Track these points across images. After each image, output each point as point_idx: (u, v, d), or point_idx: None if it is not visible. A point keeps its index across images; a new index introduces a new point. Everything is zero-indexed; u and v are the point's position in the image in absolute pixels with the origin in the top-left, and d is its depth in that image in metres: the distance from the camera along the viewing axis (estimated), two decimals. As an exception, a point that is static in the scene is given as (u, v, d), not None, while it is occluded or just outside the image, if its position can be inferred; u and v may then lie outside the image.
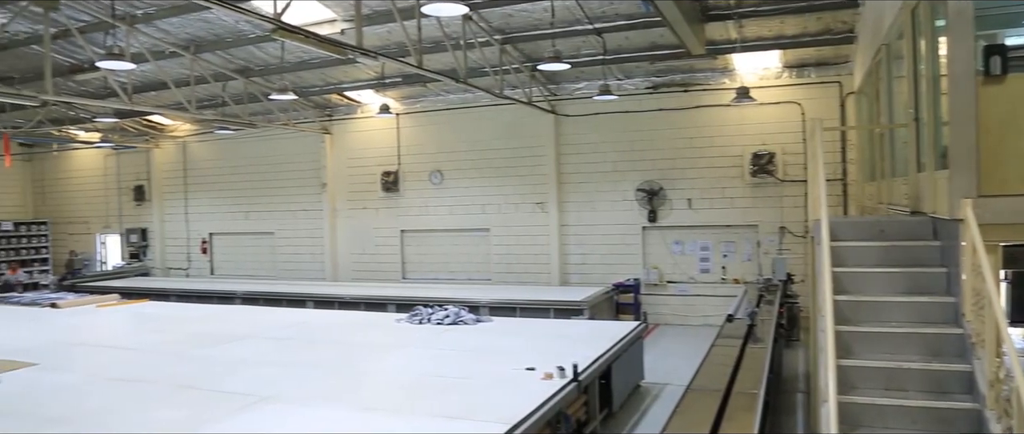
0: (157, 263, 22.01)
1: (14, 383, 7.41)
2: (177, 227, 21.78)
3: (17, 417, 6.22)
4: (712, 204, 14.59)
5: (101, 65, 11.23)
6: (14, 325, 11.62)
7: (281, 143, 19.30)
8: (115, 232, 23.26)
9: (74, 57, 15.10)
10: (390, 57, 11.13)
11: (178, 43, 14.19)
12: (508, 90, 13.98)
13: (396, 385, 7.12)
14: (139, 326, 11.56)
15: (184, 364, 8.19)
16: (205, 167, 21.17)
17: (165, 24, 13.34)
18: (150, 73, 15.12)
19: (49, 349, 9.24)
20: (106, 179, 23.32)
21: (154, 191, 22.10)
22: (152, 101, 17.31)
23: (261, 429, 5.65)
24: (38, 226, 23.53)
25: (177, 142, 21.59)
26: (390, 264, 17.91)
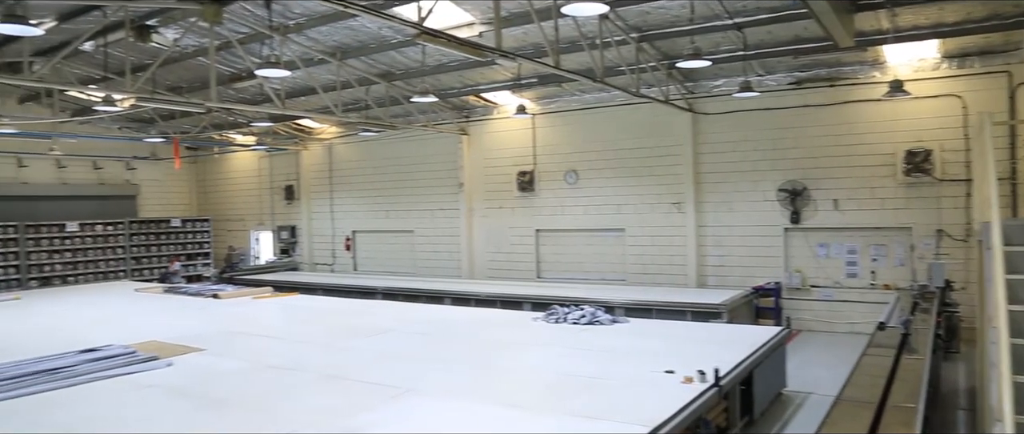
0: (305, 259, 23.28)
1: (186, 366, 8.06)
2: (323, 225, 22.95)
3: (190, 397, 6.77)
4: (860, 205, 13.84)
5: (259, 73, 12.00)
6: (183, 313, 12.62)
7: (420, 144, 19.94)
8: (267, 229, 24.82)
9: (234, 67, 16.23)
10: (528, 58, 11.26)
11: (326, 50, 14.94)
12: (644, 88, 13.83)
13: (534, 382, 7.21)
14: (290, 317, 12.26)
15: (333, 355, 8.63)
16: (349, 168, 22.18)
17: (314, 33, 14.08)
18: (300, 79, 16.00)
19: (213, 336, 9.96)
20: (260, 179, 24.91)
21: (302, 190, 23.37)
22: (302, 105, 18.34)
23: (409, 420, 5.87)
24: (201, 223, 25.40)
25: (323, 144, 22.74)
26: (525, 263, 18.12)
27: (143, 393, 6.94)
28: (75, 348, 8.77)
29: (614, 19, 12.22)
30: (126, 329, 10.70)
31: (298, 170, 23.51)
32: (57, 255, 21.65)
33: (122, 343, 9.06)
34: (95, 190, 23.77)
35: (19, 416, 6.28)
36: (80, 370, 7.75)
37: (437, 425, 5.73)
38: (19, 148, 21.15)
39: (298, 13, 13.16)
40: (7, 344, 9.68)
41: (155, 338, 9.67)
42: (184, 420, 6.06)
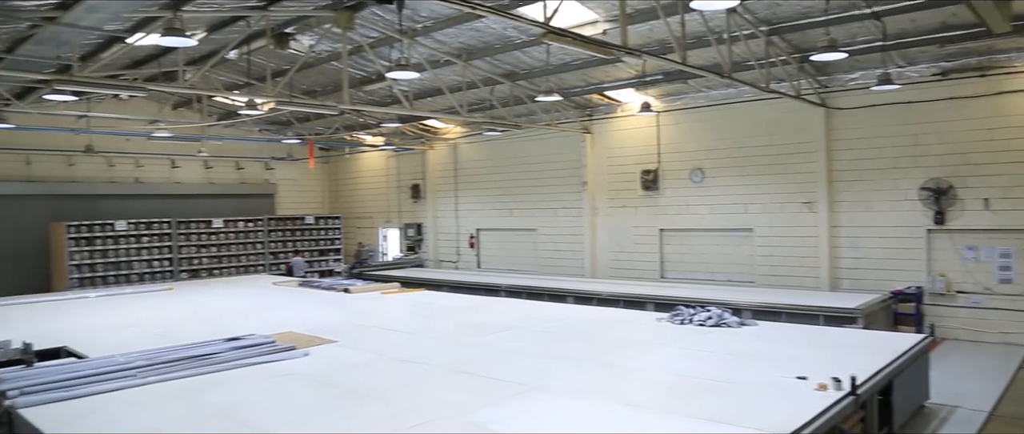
0: (430, 256, 23.89)
1: (320, 357, 8.45)
2: (448, 223, 23.46)
3: (325, 387, 7.09)
4: (1015, 204, 12.79)
5: (389, 76, 12.43)
6: (317, 306, 13.22)
7: (543, 143, 20.05)
8: (395, 226, 25.64)
9: (364, 70, 16.86)
10: (653, 55, 11.11)
11: (452, 52, 15.27)
12: (774, 83, 13.35)
13: (658, 383, 7.11)
14: (417, 313, 12.60)
15: (458, 350, 8.81)
16: (473, 167, 22.58)
17: (441, 35, 14.42)
18: (427, 81, 16.41)
19: (345, 329, 10.39)
20: (388, 178, 25.77)
21: (428, 189, 24.00)
22: (428, 106, 18.83)
23: (533, 416, 5.92)
24: (333, 220, 26.53)
25: (449, 144, 23.25)
26: (648, 263, 17.88)
27: (282, 381, 7.33)
28: (221, 336, 9.37)
29: (743, 12, 11.85)
30: (265, 320, 11.33)
31: (424, 169, 24.15)
32: (204, 249, 23.18)
33: (262, 333, 9.59)
34: (237, 189, 25.33)
35: (177, 397, 6.77)
36: (226, 357, 8.26)
37: (561, 423, 5.75)
38: (172, 150, 22.82)
39: (425, 16, 13.51)
40: (164, 330, 10.46)
41: (292, 329, 10.18)
42: (321, 408, 6.35)
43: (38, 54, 10.88)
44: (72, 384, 7.05)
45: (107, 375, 7.42)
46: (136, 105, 20.01)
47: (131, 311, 13.11)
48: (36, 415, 6.16)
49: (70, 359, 8.74)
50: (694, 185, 16.98)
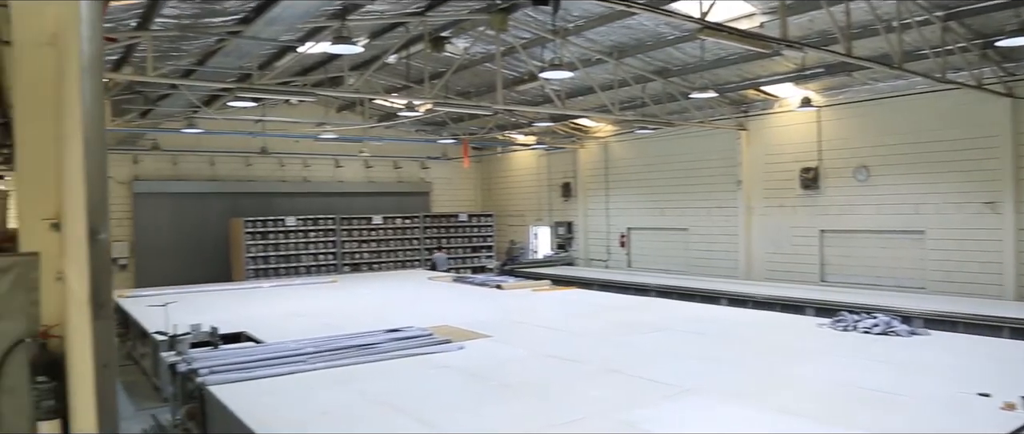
0: (580, 254, 23.94)
1: (475, 351, 8.68)
2: (598, 221, 23.42)
3: (479, 380, 7.28)
4: None
5: (543, 76, 12.58)
6: (470, 302, 13.58)
7: (696, 141, 19.59)
8: (545, 224, 25.89)
9: (516, 70, 17.13)
10: (815, 47, 10.60)
11: (603, 50, 15.23)
12: (950, 73, 12.37)
13: (820, 393, 6.77)
14: (568, 311, 12.66)
15: (610, 349, 8.78)
16: (624, 165, 22.41)
17: (593, 34, 14.41)
18: (578, 80, 16.45)
19: (498, 324, 10.60)
20: (538, 177, 26.05)
21: (579, 188, 24.05)
22: (580, 105, 18.87)
23: (686, 419, 5.81)
24: (485, 218, 27.16)
25: (599, 142, 23.19)
26: (807, 265, 17.07)
27: (439, 372, 7.59)
28: (381, 328, 9.83)
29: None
30: (421, 313, 11.75)
31: (575, 168, 24.24)
32: (365, 245, 24.42)
33: (419, 326, 9.97)
34: (395, 187, 26.49)
35: (341, 382, 7.18)
36: (386, 347, 8.66)
37: (716, 426, 5.61)
38: (336, 151, 24.18)
39: (577, 16, 13.55)
40: (330, 320, 11.11)
41: (447, 323, 10.51)
42: (475, 400, 6.54)
43: (224, 65, 11.88)
44: (251, 366, 7.64)
45: (281, 359, 7.98)
46: (304, 109, 21.36)
47: (300, 301, 14.00)
48: (222, 392, 6.72)
49: (249, 343, 9.46)
50: (858, 184, 16.03)
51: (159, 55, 13.14)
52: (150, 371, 9.84)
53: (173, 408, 7.96)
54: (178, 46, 13.28)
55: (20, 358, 3.62)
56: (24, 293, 3.61)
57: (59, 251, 3.58)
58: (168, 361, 8.11)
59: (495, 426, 5.77)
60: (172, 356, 8.11)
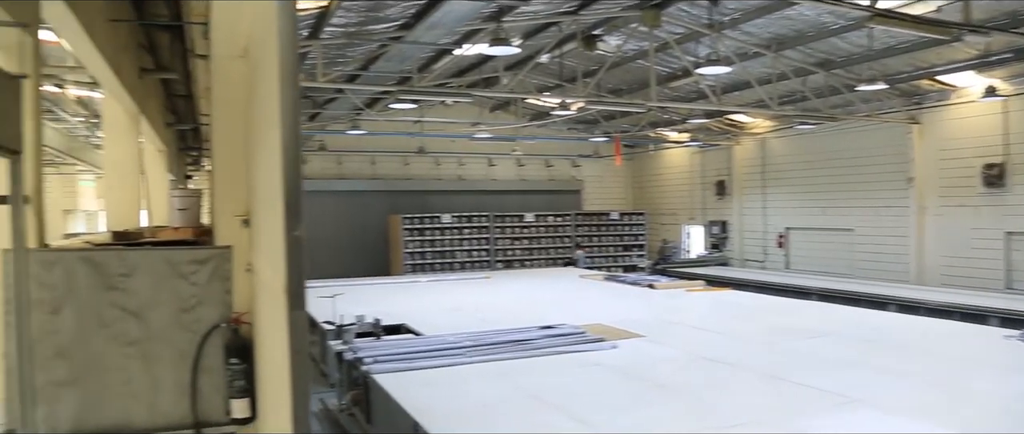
0: (735, 254, 23.22)
1: (628, 350, 8.63)
2: (754, 220, 22.61)
3: (634, 379, 7.25)
4: None
5: (699, 71, 12.31)
6: (622, 300, 13.52)
7: (862, 136, 18.48)
8: (698, 223, 25.30)
9: (669, 66, 16.84)
10: (1002, 30, 9.73)
11: (761, 43, 14.68)
12: None
13: (1010, 412, 6.19)
14: (723, 312, 12.32)
15: (769, 354, 8.47)
16: (782, 162, 21.51)
17: (749, 26, 13.93)
18: (734, 74, 15.94)
19: (651, 324, 10.48)
20: (691, 175, 25.49)
21: (734, 186, 23.33)
22: (735, 101, 18.29)
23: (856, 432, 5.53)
24: (637, 216, 26.90)
25: (756, 138, 22.38)
26: (990, 270, 15.66)
27: (593, 370, 7.62)
28: (534, 324, 9.97)
29: None
30: (574, 311, 11.81)
31: (730, 165, 23.53)
32: (517, 242, 24.85)
33: (572, 323, 10.04)
34: (546, 185, 26.76)
35: (497, 376, 7.36)
36: (540, 343, 8.79)
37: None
38: (490, 150, 24.75)
39: (733, 8, 13.15)
40: (484, 315, 11.41)
41: (599, 321, 10.51)
42: (630, 399, 6.51)
43: (386, 69, 12.48)
44: (412, 357, 7.98)
45: (439, 352, 8.30)
46: (459, 110, 22.01)
47: (455, 296, 14.45)
48: (385, 380, 7.08)
49: (409, 335, 9.89)
50: (1054, 181, 14.54)
51: (327, 62, 14.00)
52: (318, 358, 10.49)
53: (339, 393, 8.48)
54: (344, 53, 14.07)
55: (216, 341, 3.99)
56: (220, 282, 3.98)
57: (248, 245, 3.91)
58: (335, 349, 8.65)
59: (652, 427, 5.72)
60: (339, 345, 8.65)
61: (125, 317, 3.91)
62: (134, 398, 3.98)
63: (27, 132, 3.50)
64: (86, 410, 3.93)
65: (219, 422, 4.09)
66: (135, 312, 3.92)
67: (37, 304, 3.73)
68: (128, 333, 3.93)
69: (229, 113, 3.96)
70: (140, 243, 5.04)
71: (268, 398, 3.37)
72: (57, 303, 3.80)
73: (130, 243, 5.11)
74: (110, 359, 3.93)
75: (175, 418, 4.04)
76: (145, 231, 6.25)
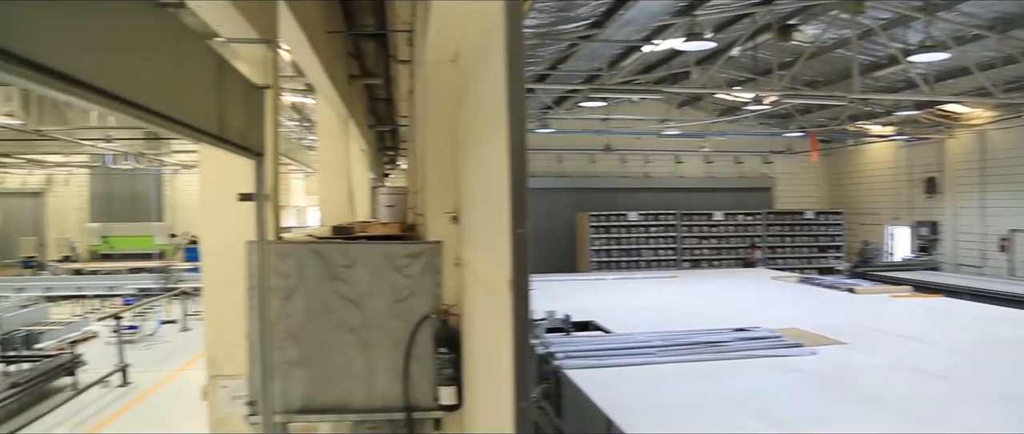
0: (947, 258, 21.29)
1: (829, 357, 8.17)
2: (971, 221, 20.61)
3: (836, 388, 6.86)
4: None
5: (912, 59, 11.42)
6: (819, 304, 12.79)
7: (1107, 126, 16.33)
8: (904, 224, 23.42)
9: (873, 55, 15.73)
10: None
11: (983, 24, 13.35)
12: None
13: None
14: (935, 321, 11.33)
15: (994, 370, 7.69)
16: (1007, 157, 19.43)
17: (967, 7, 12.71)
18: (949, 61, 14.63)
19: (852, 330, 9.83)
20: (896, 171, 23.66)
21: (946, 183, 21.39)
22: (950, 89, 16.76)
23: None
24: (833, 216, 25.39)
25: (974, 131, 20.37)
26: None
27: (790, 377, 7.28)
28: (725, 326, 9.68)
29: None
30: (767, 314, 11.31)
31: (941, 160, 21.59)
32: (705, 241, 24.27)
33: (766, 327, 9.65)
34: (736, 183, 25.89)
35: (689, 377, 7.23)
36: (734, 346, 8.52)
37: None
38: (676, 147, 24.34)
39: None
40: (673, 314, 11.23)
41: (795, 325, 10.02)
42: (833, 409, 6.17)
43: (575, 68, 12.62)
44: (602, 354, 8.02)
45: (629, 350, 8.27)
46: (646, 106, 21.81)
47: (643, 294, 14.32)
48: (577, 376, 7.17)
49: (598, 332, 9.94)
50: None
51: (518, 63, 14.35)
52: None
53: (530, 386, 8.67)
54: (535, 53, 14.38)
55: (426, 331, 4.24)
56: (431, 276, 4.23)
57: (457, 240, 4.11)
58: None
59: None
60: (531, 339, 8.85)
61: (347, 305, 4.25)
62: (354, 380, 4.32)
63: (268, 136, 3.89)
64: (313, 388, 4.31)
65: (428, 407, 4.35)
66: (355, 301, 4.25)
67: (274, 291, 4.14)
68: (349, 320, 4.27)
69: (439, 115, 4.19)
70: (357, 237, 5.45)
71: (476, 387, 3.53)
72: (290, 290, 4.21)
73: (348, 237, 5.53)
74: (333, 343, 4.29)
75: (389, 401, 4.34)
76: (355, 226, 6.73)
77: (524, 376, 2.11)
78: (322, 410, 4.36)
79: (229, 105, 3.04)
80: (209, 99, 2.77)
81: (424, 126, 4.71)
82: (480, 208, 2.97)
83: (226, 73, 3.09)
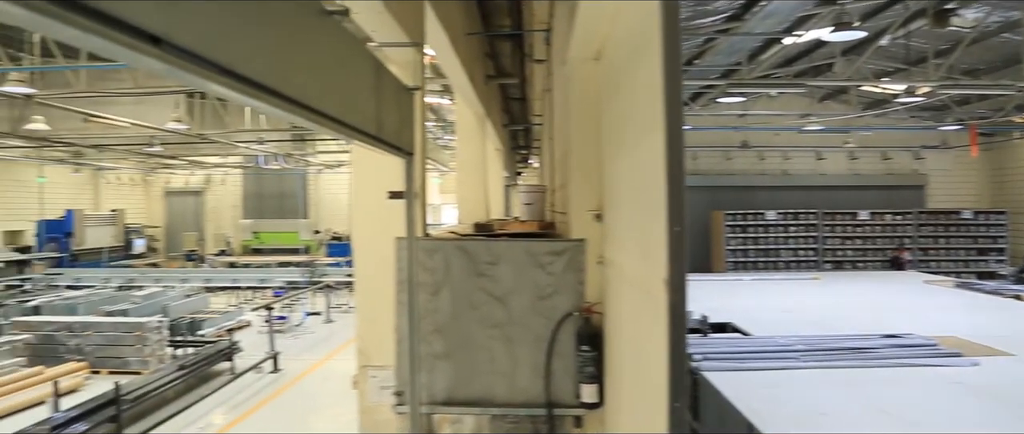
0: None
1: (993, 369, 7.58)
2: None
3: (1006, 406, 6.36)
4: None
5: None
6: (980, 311, 11.90)
7: None
8: (1078, 225, 21.41)
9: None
10: None
11: None
12: None
13: None
14: (1121, 332, 10.30)
15: None
16: None
17: None
18: None
19: (1021, 342, 9.10)
20: (1072, 167, 21.66)
21: None
22: None
23: None
24: (995, 216, 23.49)
25: None
26: None
27: (949, 389, 6.82)
28: (872, 331, 9.17)
29: None
30: (919, 320, 10.64)
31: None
32: (848, 241, 23.07)
33: (919, 334, 9.07)
34: (883, 180, 24.45)
35: (834, 385, 6.91)
36: (883, 353, 8.06)
37: None
38: (818, 142, 23.26)
39: None
40: (816, 318, 10.76)
41: (952, 334, 9.36)
42: (997, 426, 5.73)
43: (713, 63, 12.30)
44: (742, 357, 7.80)
45: (770, 354, 7.99)
46: (785, 101, 20.98)
47: (782, 296, 13.81)
48: (716, 379, 7.01)
49: (736, 334, 9.67)
50: None
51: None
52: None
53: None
54: (669, 49, 14.10)
55: (569, 328, 4.27)
56: (573, 273, 4.25)
57: (600, 238, 4.11)
58: (663, 343, 8.72)
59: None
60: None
61: (491, 301, 4.35)
62: (497, 375, 4.41)
63: (417, 136, 4.03)
64: (457, 382, 4.43)
65: (569, 404, 4.37)
66: (499, 297, 4.34)
67: (421, 286, 4.29)
68: (493, 316, 4.35)
69: (582, 114, 4.20)
70: (499, 235, 5.55)
71: (620, 386, 3.52)
72: (437, 286, 4.34)
73: (490, 235, 5.65)
74: (477, 338, 4.39)
75: (531, 396, 4.40)
76: (495, 224, 6.86)
77: (680, 375, 2.09)
78: (466, 403, 4.47)
79: (385, 107, 3.17)
80: (368, 101, 2.91)
81: (565, 124, 4.74)
82: (628, 206, 2.96)
83: (382, 76, 3.23)
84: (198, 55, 1.50)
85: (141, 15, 1.28)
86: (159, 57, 1.36)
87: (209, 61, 1.54)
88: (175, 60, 1.41)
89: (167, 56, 1.38)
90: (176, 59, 1.42)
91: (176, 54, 1.41)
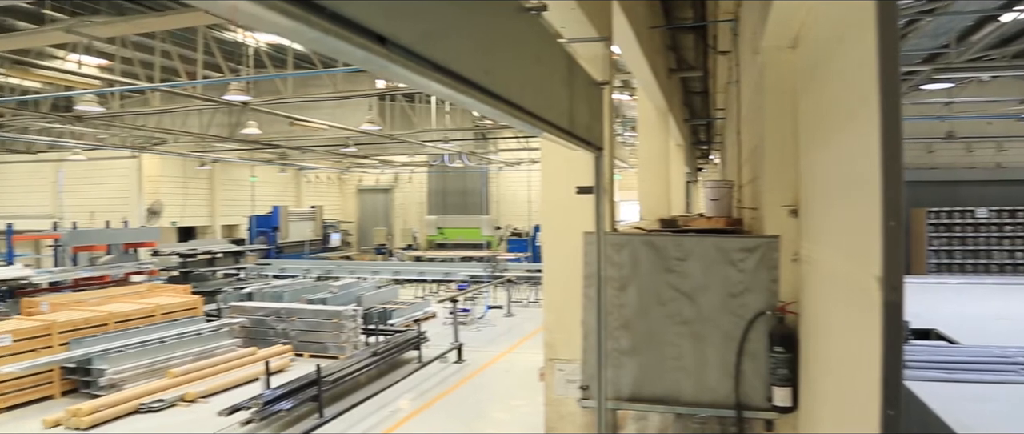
0: None
1: None
2: None
3: None
4: None
5: None
6: None
7: None
8: None
9: None
10: None
11: None
12: None
13: None
14: None
15: None
16: None
17: None
18: None
19: None
20: None
21: None
22: None
23: None
24: None
25: None
26: None
27: None
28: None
29: None
30: None
31: None
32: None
33: None
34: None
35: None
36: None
37: None
38: None
39: None
40: None
41: None
42: None
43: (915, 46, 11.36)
44: (948, 367, 7.15)
45: (984, 365, 7.28)
46: (999, 86, 18.98)
47: (997, 302, 12.51)
48: (918, 389, 6.48)
49: (941, 342, 8.90)
50: None
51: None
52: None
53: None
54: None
55: (761, 328, 4.12)
56: (766, 271, 4.09)
57: (796, 234, 3.93)
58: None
59: None
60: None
61: (679, 298, 4.28)
62: (684, 373, 4.33)
63: (606, 131, 4.04)
64: (643, 378, 4.40)
65: (759, 407, 4.22)
66: (688, 294, 4.26)
67: (608, 280, 4.30)
68: (681, 312, 4.28)
69: (776, 105, 4.03)
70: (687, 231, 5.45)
71: (820, 391, 3.36)
72: (624, 281, 4.33)
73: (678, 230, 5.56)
74: (664, 335, 4.34)
75: (719, 397, 4.28)
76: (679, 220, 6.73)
77: (895, 382, 1.96)
78: (651, 400, 4.43)
79: (577, 101, 3.21)
80: (562, 96, 2.96)
81: (757, 116, 4.57)
82: (832, 199, 2.81)
83: (575, 71, 3.27)
84: (417, 54, 1.60)
85: (369, 16, 1.40)
86: (385, 56, 1.48)
87: (427, 59, 1.64)
88: (399, 58, 1.52)
89: (392, 54, 1.49)
90: (400, 58, 1.53)
91: (400, 53, 1.52)
